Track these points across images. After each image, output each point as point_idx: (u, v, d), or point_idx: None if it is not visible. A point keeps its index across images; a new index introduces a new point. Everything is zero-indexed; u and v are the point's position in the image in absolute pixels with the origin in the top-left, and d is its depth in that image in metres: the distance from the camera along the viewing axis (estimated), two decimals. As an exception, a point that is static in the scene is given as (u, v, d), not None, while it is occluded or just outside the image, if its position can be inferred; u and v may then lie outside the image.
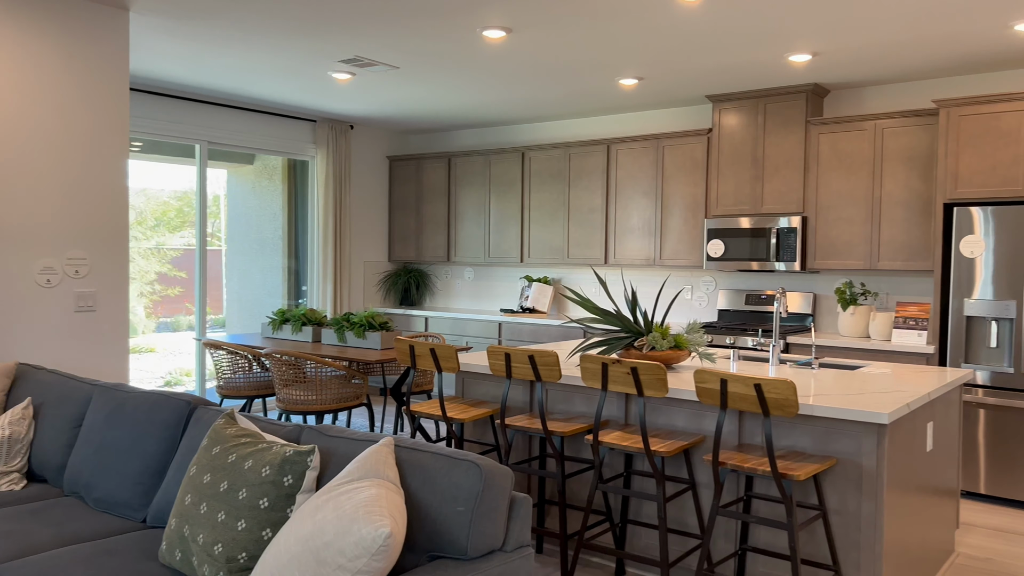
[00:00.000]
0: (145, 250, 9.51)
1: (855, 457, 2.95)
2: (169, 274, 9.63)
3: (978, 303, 4.70)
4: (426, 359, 3.67)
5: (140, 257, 9.49)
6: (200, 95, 6.54)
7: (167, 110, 6.42)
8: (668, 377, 3.49)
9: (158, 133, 6.39)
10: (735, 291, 6.20)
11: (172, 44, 4.91)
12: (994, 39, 4.46)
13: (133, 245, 9.26)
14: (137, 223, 9.46)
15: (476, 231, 7.44)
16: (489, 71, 5.44)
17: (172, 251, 9.57)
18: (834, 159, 5.51)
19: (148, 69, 5.61)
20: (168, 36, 4.72)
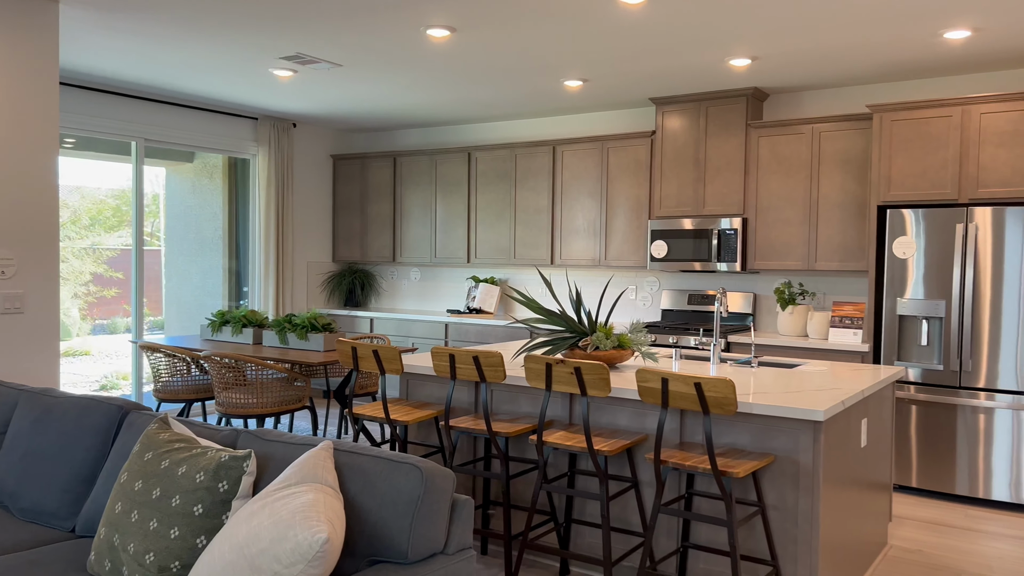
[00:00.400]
0: (79, 250, 9.20)
1: (792, 454, 3.01)
2: (105, 275, 9.33)
3: (910, 302, 4.85)
4: (369, 361, 3.62)
5: (74, 257, 9.18)
6: (137, 91, 6.36)
7: (102, 106, 6.23)
8: (611, 377, 3.52)
9: (92, 129, 6.19)
10: (678, 291, 6.29)
11: (107, 38, 4.76)
12: (925, 47, 4.61)
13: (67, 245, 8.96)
14: (71, 222, 9.14)
15: (422, 231, 7.40)
16: (434, 70, 5.41)
17: (108, 251, 9.27)
18: (773, 162, 5.63)
19: (82, 63, 5.43)
20: (103, 30, 4.57)
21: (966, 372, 4.68)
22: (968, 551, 3.93)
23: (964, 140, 4.75)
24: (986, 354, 4.61)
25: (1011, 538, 4.13)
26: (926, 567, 3.71)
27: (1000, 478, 4.58)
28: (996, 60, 4.88)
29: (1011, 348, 4.53)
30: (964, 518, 4.44)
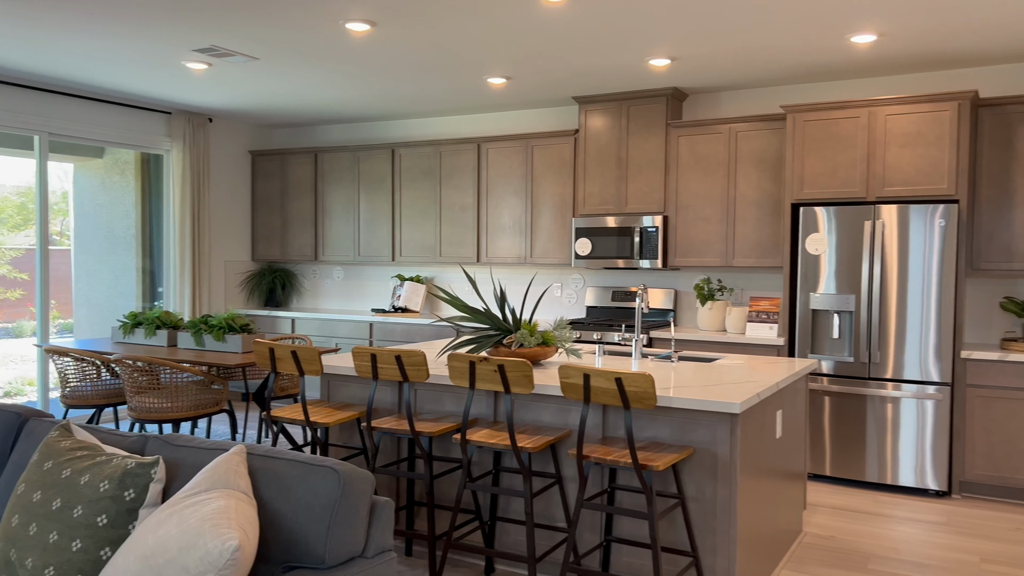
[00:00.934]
0: (-21, 250, 8.71)
1: (711, 446, 3.07)
2: (9, 276, 8.86)
3: (822, 297, 5.02)
4: (287, 362, 3.53)
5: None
6: (40, 82, 6.05)
7: (4, 98, 5.90)
8: (535, 373, 3.52)
9: (-10, 122, 5.86)
10: (602, 288, 6.36)
11: (7, 26, 4.50)
12: (834, 50, 4.78)
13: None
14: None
15: (345, 229, 7.28)
16: (355, 65, 5.33)
17: (12, 251, 8.81)
18: (692, 161, 5.74)
19: (-24, 52, 5.13)
20: (5, 17, 4.33)
21: (874, 363, 4.87)
22: (877, 535, 4.09)
23: (871, 140, 4.94)
24: (892, 346, 4.81)
25: (916, 521, 4.32)
26: (838, 552, 3.85)
27: (906, 464, 4.79)
28: (901, 64, 5.09)
29: (915, 340, 4.74)
30: (873, 504, 4.62)
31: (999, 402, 4.63)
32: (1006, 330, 5.09)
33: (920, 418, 4.74)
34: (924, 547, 3.94)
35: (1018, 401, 4.58)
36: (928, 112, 4.78)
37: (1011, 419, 4.60)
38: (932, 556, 3.82)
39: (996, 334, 5.13)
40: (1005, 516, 4.42)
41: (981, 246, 4.88)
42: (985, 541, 4.03)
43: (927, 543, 3.99)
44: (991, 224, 4.85)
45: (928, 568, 3.68)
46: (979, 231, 4.89)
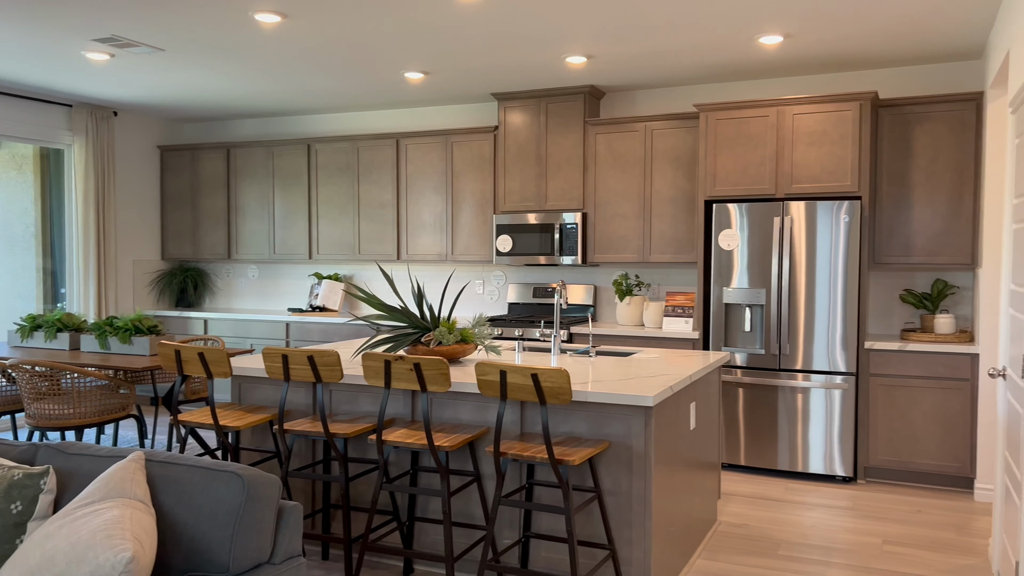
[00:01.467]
0: None
1: (626, 439, 3.11)
2: None
3: (735, 291, 5.16)
4: (194, 365, 3.41)
5: None
6: (-77, 71, 5.67)
7: None
8: (454, 371, 3.49)
9: None
10: (524, 285, 6.37)
11: None
12: (743, 51, 4.90)
13: None
14: None
15: (260, 226, 7.08)
16: (266, 58, 5.18)
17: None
18: (610, 158, 5.81)
19: None
20: None
21: (784, 355, 5.03)
22: (787, 522, 4.23)
23: (780, 139, 5.09)
24: (802, 338, 4.98)
25: (823, 507, 4.48)
26: (750, 540, 3.96)
27: (815, 452, 4.96)
28: (807, 65, 5.27)
29: (823, 332, 4.92)
30: (785, 491, 4.77)
31: (900, 390, 4.84)
32: (906, 321, 5.34)
33: (828, 407, 4.92)
34: (831, 531, 4.09)
35: (917, 389, 4.80)
36: (832, 112, 4.96)
37: (911, 406, 4.82)
38: (838, 540, 3.97)
39: (898, 325, 5.37)
40: (906, 499, 4.63)
41: (882, 241, 5.09)
42: (887, 523, 4.21)
43: (834, 527, 4.14)
44: (891, 220, 5.07)
45: (834, 551, 3.81)
46: (880, 227, 5.10)
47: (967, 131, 4.87)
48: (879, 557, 3.75)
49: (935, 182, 4.96)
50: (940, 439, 4.77)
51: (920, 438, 4.81)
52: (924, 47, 4.82)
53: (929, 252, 4.99)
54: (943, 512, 4.40)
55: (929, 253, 4.99)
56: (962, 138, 4.88)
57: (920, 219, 5.00)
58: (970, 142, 4.86)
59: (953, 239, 4.93)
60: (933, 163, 4.96)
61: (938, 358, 4.75)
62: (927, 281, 5.29)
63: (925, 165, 4.98)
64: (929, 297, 5.10)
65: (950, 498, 4.65)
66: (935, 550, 3.83)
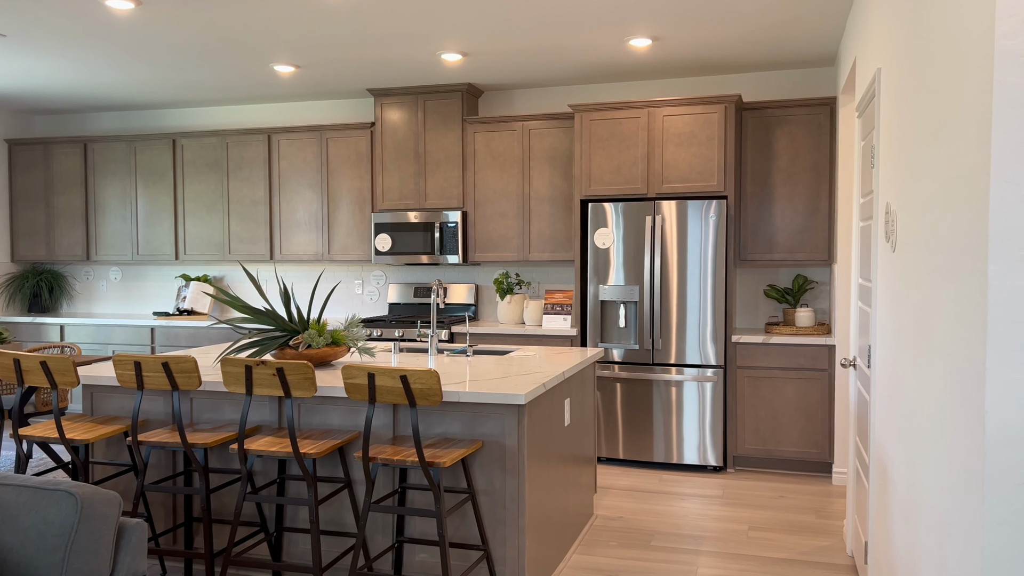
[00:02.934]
0: None
1: (499, 438, 3.09)
2: None
3: (610, 288, 5.25)
4: (37, 374, 3.15)
5: None
6: None
7: None
8: (324, 375, 3.38)
9: None
10: (404, 284, 6.28)
11: None
12: (614, 52, 5.00)
13: None
14: None
15: (121, 226, 6.67)
16: (121, 47, 4.87)
17: None
18: (489, 157, 5.80)
19: None
20: None
21: (658, 350, 5.17)
22: (662, 512, 4.34)
23: (651, 140, 5.23)
24: (675, 333, 5.12)
25: (695, 497, 4.63)
26: (625, 532, 4.03)
27: (689, 443, 5.12)
28: (676, 68, 5.43)
29: (694, 326, 5.08)
30: (659, 483, 4.90)
31: (765, 381, 5.06)
32: (770, 315, 5.59)
33: (699, 399, 5.09)
34: (701, 520, 4.22)
35: (781, 380, 5.04)
36: (700, 114, 5.13)
37: (775, 397, 5.05)
38: (708, 528, 4.10)
39: (763, 319, 5.61)
40: (770, 485, 4.85)
41: (747, 239, 5.31)
42: (753, 510, 4.39)
43: (704, 516, 4.28)
44: (755, 218, 5.30)
45: (704, 539, 3.94)
46: (745, 225, 5.32)
47: (823, 134, 5.15)
48: (745, 543, 3.90)
49: (795, 182, 5.22)
50: (802, 427, 5.02)
51: (784, 427, 5.05)
52: (783, 53, 5.06)
53: (790, 249, 5.24)
54: (804, 496, 4.63)
55: (790, 250, 5.24)
56: (818, 140, 5.16)
57: (782, 217, 5.25)
58: (825, 144, 5.14)
59: (812, 236, 5.20)
60: (793, 164, 5.21)
61: (799, 350, 5.00)
62: (789, 277, 5.56)
63: (785, 166, 5.23)
64: (791, 292, 5.36)
65: (810, 483, 4.91)
66: (795, 533, 4.02)
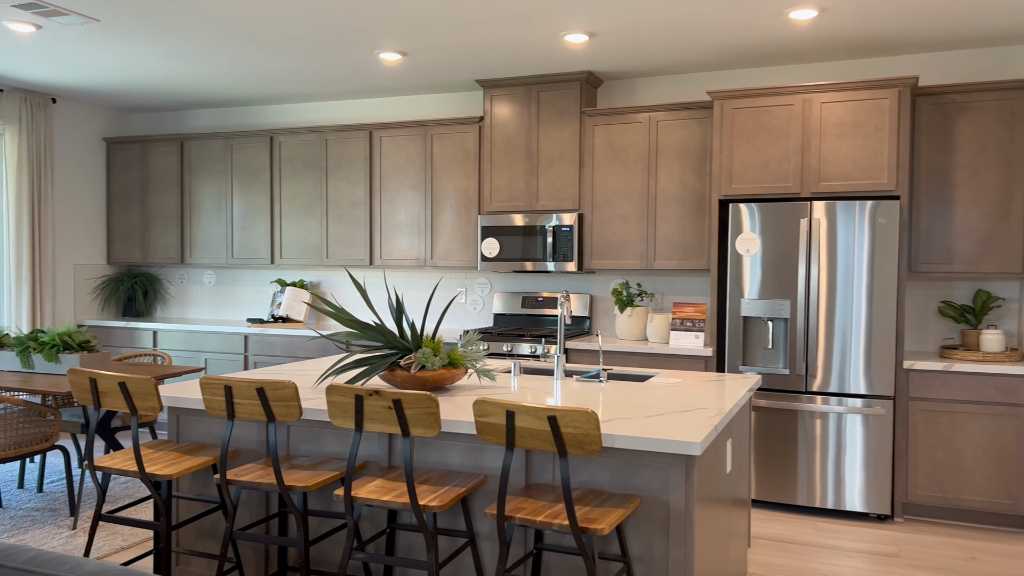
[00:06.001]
0: None
1: (660, 494, 2.47)
2: None
3: (753, 303, 4.56)
4: (115, 397, 2.71)
5: None
6: None
7: None
8: (441, 403, 2.84)
9: None
10: (511, 293, 5.73)
11: None
12: (770, 27, 4.31)
13: None
14: None
15: (216, 228, 6.36)
16: (222, 31, 4.49)
17: None
18: (609, 153, 5.19)
19: None
20: None
21: (812, 376, 4.44)
22: (828, 574, 3.62)
23: (805, 130, 4.51)
24: (835, 357, 4.38)
25: (865, 554, 3.88)
26: (791, 598, 3.35)
27: (845, 486, 4.37)
28: (837, 48, 4.70)
29: (857, 349, 4.33)
30: (815, 533, 4.17)
31: (943, 416, 4.27)
32: (944, 337, 4.77)
33: (862, 435, 4.33)
34: (881, 586, 3.49)
35: (963, 415, 4.23)
36: (866, 100, 4.38)
37: (956, 434, 4.25)
38: (893, 598, 3.37)
39: (932, 341, 4.80)
40: (954, 542, 4.05)
41: (919, 246, 4.53)
42: (940, 574, 3.62)
43: (883, 580, 3.55)
44: (930, 223, 4.51)
45: (892, 614, 3.21)
46: (917, 230, 4.53)
47: (1017, 123, 4.32)
48: (946, 622, 3.15)
49: (980, 180, 4.40)
50: (990, 472, 4.20)
51: (967, 471, 4.24)
52: (968, 28, 4.27)
53: (972, 259, 4.43)
54: (1001, 560, 3.82)
55: (972, 260, 4.43)
56: (1011, 131, 4.34)
57: (963, 222, 4.44)
58: (1020, 136, 4.32)
59: (999, 245, 4.38)
60: (977, 159, 4.40)
61: (987, 380, 4.18)
62: (967, 292, 4.73)
63: (968, 161, 4.42)
64: (971, 310, 4.54)
65: (1003, 540, 4.08)
66: (1008, 611, 3.25)
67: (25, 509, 4.38)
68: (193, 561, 3.13)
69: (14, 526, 4.12)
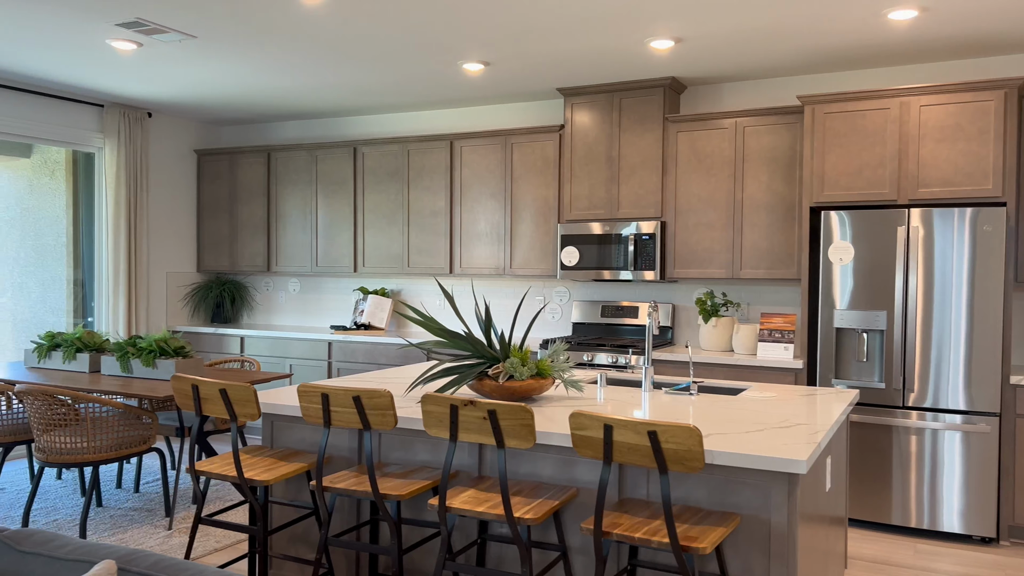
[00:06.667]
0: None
1: (761, 512, 2.39)
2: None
3: (847, 314, 4.40)
4: (215, 403, 2.78)
5: None
6: (-60, 65, 5.21)
7: None
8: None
9: None
10: (590, 302, 5.68)
11: None
12: (867, 29, 4.16)
13: None
14: None
15: (301, 236, 6.51)
16: (308, 46, 4.59)
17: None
18: (693, 159, 5.10)
19: None
20: None
21: (909, 391, 4.25)
22: (931, 598, 3.45)
23: (903, 135, 4.34)
24: (931, 371, 4.19)
25: (970, 578, 3.69)
26: (893, 624, 3.20)
27: (945, 507, 4.16)
28: (937, 48, 4.51)
29: (959, 363, 4.13)
30: (914, 555, 3.99)
31: (1054, 435, 4.03)
32: (1053, 351, 4.52)
33: (964, 453, 4.13)
34: (990, 614, 3.30)
35: (1077, 434, 3.98)
36: (969, 102, 4.18)
37: (1069, 454, 4.00)
38: (1004, 627, 3.18)
39: (1039, 355, 4.55)
40: (1068, 568, 3.81)
41: (1027, 255, 4.30)
42: (1057, 604, 3.41)
43: (992, 608, 3.36)
44: (1038, 230, 4.27)
45: (1005, 645, 3.03)
46: (1023, 239, 4.31)
47: None
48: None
49: (1094, 185, 4.15)
50: (1107, 495, 3.94)
51: (1081, 493, 3.99)
52: (1084, 24, 4.04)
53: (1086, 269, 4.17)
54: (1123, 589, 3.57)
55: (1085, 270, 4.17)
56: None
57: (1075, 230, 4.19)
58: None
59: (1117, 254, 4.11)
60: (1092, 163, 4.15)
61: (1104, 397, 3.93)
62: (1078, 303, 4.47)
63: (1082, 165, 4.18)
64: (1085, 323, 4.28)
65: (1123, 569, 3.82)
66: None
67: (124, 509, 4.55)
68: (286, 566, 3.18)
69: (114, 525, 4.28)
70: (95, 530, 4.20)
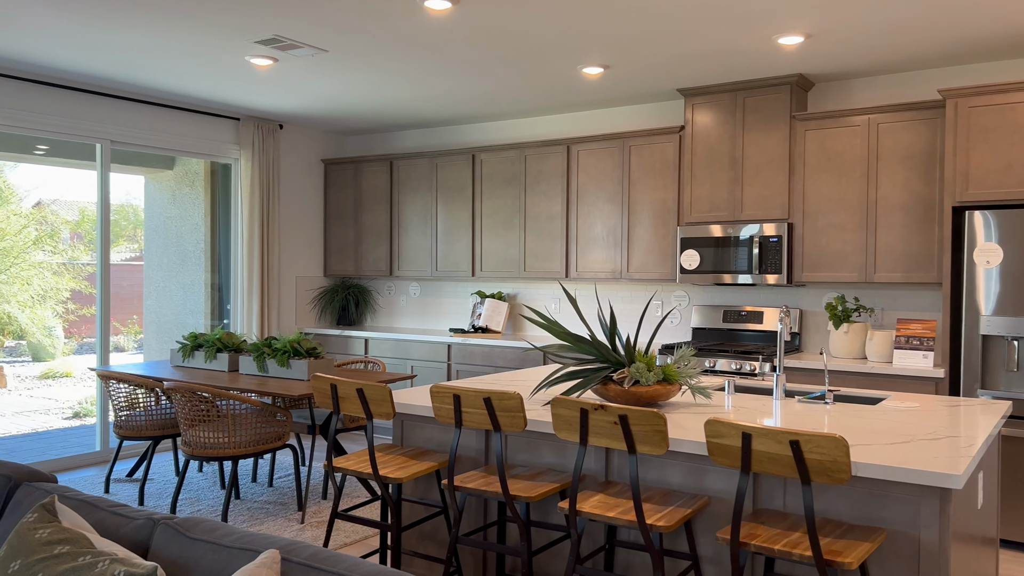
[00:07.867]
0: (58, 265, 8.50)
1: (910, 528, 2.27)
2: (84, 292, 8.63)
3: (995, 320, 4.11)
4: (352, 402, 2.89)
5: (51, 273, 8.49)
6: (99, 86, 5.65)
7: (63, 104, 5.51)
8: (659, 421, 2.77)
9: (50, 130, 5.46)
10: (711, 307, 5.55)
11: (47, 18, 4.06)
12: (1013, 17, 3.89)
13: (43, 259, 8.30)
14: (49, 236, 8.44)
15: (422, 242, 6.68)
16: (433, 54, 4.71)
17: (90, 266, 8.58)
18: (823, 159, 4.90)
19: (34, 54, 4.72)
20: (46, 8, 3.87)
21: (1068, 403, 3.94)
22: (1097, 630, 3.18)
23: (1060, 128, 4.03)
24: (1093, 382, 3.87)
25: None
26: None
27: (1113, 530, 3.83)
28: (1092, 35, 4.17)
29: (1124, 374, 3.79)
30: (1075, 581, 3.68)
31: None
32: None
33: None
34: None
35: None
36: None
37: None
38: None
39: None
40: None
41: None
42: None
43: None
44: None
45: None
46: None
47: None
48: None
49: None
50: None
51: None
52: None
53: None
54: None
55: None
56: None
57: None
58: None
59: None
60: None
61: None
62: None
63: None
64: None
65: None
66: None
67: (259, 502, 4.79)
68: (415, 563, 3.27)
69: (251, 517, 4.51)
70: (234, 521, 4.44)
